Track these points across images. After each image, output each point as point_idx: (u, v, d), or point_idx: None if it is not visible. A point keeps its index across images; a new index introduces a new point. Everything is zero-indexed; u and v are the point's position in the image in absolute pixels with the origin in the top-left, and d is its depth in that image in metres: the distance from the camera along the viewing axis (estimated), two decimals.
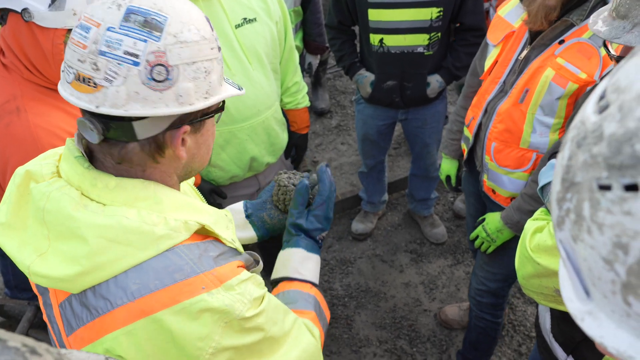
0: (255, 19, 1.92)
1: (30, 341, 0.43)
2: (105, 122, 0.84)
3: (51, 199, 0.86)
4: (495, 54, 1.92)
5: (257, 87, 1.95)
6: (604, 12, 1.22)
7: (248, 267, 0.98)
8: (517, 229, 1.85)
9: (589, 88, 1.65)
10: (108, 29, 0.80)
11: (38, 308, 2.23)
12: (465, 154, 2.12)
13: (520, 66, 1.80)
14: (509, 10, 1.92)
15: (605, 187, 0.43)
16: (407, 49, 2.47)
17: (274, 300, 0.97)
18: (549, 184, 1.30)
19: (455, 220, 3.45)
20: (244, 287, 0.89)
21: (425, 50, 2.48)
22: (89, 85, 0.81)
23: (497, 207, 2.01)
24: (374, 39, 2.48)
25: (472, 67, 2.15)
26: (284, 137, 2.21)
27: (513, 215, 1.86)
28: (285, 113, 2.28)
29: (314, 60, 3.45)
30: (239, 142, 1.99)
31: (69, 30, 1.38)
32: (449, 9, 2.40)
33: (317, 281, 1.20)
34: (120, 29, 0.80)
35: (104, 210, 0.85)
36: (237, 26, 1.87)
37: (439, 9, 2.38)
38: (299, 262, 1.18)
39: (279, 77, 2.14)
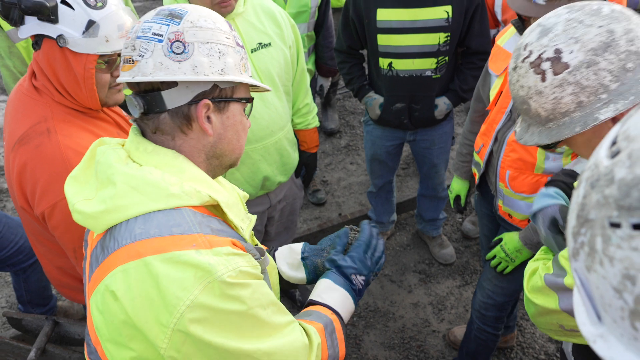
0: (270, 44, 1.99)
1: None
2: (143, 96, 1.02)
3: (105, 154, 1.05)
4: (499, 84, 1.95)
5: (270, 109, 2.02)
6: None
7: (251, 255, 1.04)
8: (536, 249, 1.88)
9: None
10: (144, 22, 1.03)
11: (55, 323, 2.28)
12: (477, 178, 2.15)
13: None
14: (507, 40, 1.96)
15: (615, 225, 0.48)
16: (416, 72, 2.54)
17: (267, 290, 1.01)
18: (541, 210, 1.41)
19: (463, 241, 3.47)
20: (232, 258, 0.95)
21: (433, 74, 2.55)
22: (129, 63, 1.02)
23: (513, 229, 2.04)
24: (383, 62, 2.55)
25: (476, 92, 2.20)
26: (295, 157, 2.27)
27: (533, 237, 1.89)
28: (295, 133, 2.34)
29: (326, 83, 3.53)
30: (252, 163, 2.05)
31: (101, 56, 1.45)
32: (456, 34, 2.47)
33: (340, 311, 1.23)
34: (151, 20, 1.03)
35: (138, 167, 1.01)
36: (253, 50, 1.95)
37: (446, 34, 2.45)
38: (322, 289, 1.25)
39: (291, 99, 2.21)
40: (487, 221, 2.30)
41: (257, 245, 1.25)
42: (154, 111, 1.02)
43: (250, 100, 1.12)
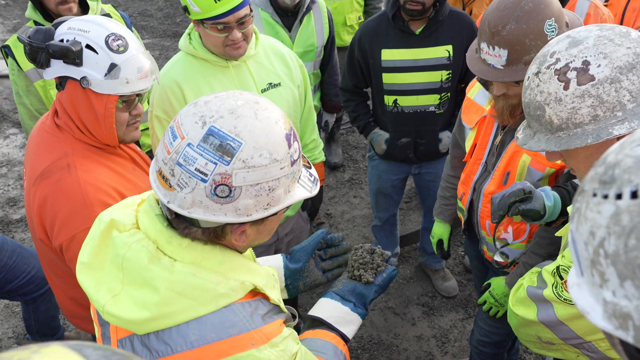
0: (279, 84, 2.08)
1: None
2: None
3: (132, 249, 0.98)
4: (472, 136, 1.97)
5: None
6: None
7: (286, 322, 1.09)
8: None
9: (566, 170, 1.73)
10: (188, 145, 0.91)
11: None
12: (462, 223, 2.16)
13: (497, 149, 1.86)
14: (476, 93, 1.97)
15: (594, 195, 0.63)
16: (420, 108, 2.63)
17: (305, 352, 1.09)
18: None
19: (465, 274, 3.49)
20: (285, 344, 1.01)
21: (436, 109, 2.64)
22: (166, 183, 0.95)
23: (501, 272, 2.06)
24: (388, 99, 2.64)
25: (453, 139, 2.22)
26: None
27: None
28: None
29: (331, 119, 3.62)
30: None
31: (120, 96, 1.52)
32: (457, 72, 2.57)
33: (349, 335, 1.29)
34: (197, 147, 0.90)
35: (174, 265, 0.97)
36: (263, 90, 2.04)
37: (448, 72, 2.55)
38: (341, 317, 1.29)
39: (299, 135, 2.29)
40: (477, 262, 2.32)
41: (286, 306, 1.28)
42: (187, 221, 0.98)
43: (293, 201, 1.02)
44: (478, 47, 1.67)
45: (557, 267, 1.31)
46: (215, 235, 0.99)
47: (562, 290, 1.29)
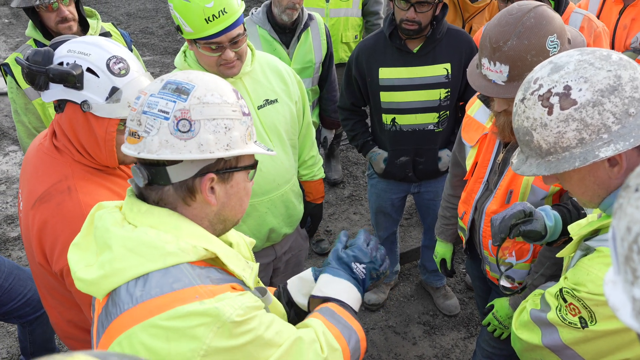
0: (276, 100, 2.07)
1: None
2: (149, 168, 1.03)
3: (102, 218, 1.06)
4: (473, 154, 1.94)
5: (277, 163, 2.08)
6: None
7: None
8: None
9: None
10: (150, 95, 1.03)
11: None
12: (464, 242, 2.13)
13: (499, 167, 1.82)
14: (477, 110, 1.94)
15: (637, 190, 0.62)
16: (419, 127, 2.62)
17: (267, 314, 1.06)
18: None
19: (467, 292, 3.45)
20: (236, 297, 0.99)
21: (435, 128, 2.63)
22: (135, 137, 1.03)
23: (503, 293, 2.00)
24: (387, 118, 2.63)
25: (453, 157, 2.20)
26: (300, 209, 2.31)
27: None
28: (301, 184, 2.39)
29: (329, 135, 3.61)
30: (259, 215, 2.09)
31: (122, 120, 1.50)
32: (456, 90, 2.56)
33: (341, 298, 1.26)
34: (158, 94, 1.02)
35: (133, 229, 1.02)
36: (260, 107, 2.03)
37: (446, 90, 2.54)
38: (322, 283, 1.29)
39: (297, 152, 2.27)
40: (479, 283, 2.28)
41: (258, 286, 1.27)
42: (159, 183, 1.04)
43: (254, 165, 1.13)
44: (479, 62, 1.65)
45: (560, 290, 1.28)
46: (187, 190, 1.03)
47: (567, 314, 1.26)
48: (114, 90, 1.45)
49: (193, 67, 1.95)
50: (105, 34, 2.71)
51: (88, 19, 2.65)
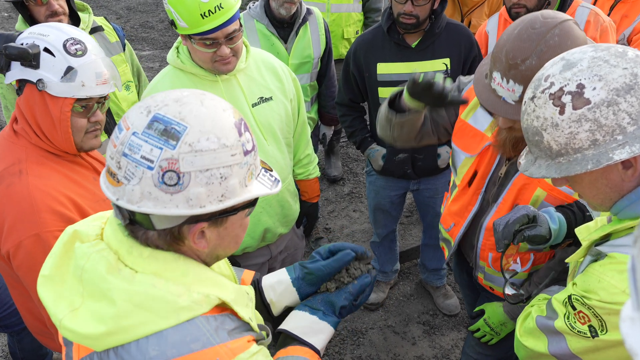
0: (271, 98, 2.02)
1: None
2: (130, 210, 0.91)
3: (91, 259, 0.94)
4: (468, 163, 1.78)
5: (271, 162, 2.03)
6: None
7: (257, 341, 1.02)
8: None
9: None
10: (133, 134, 0.88)
11: None
12: (446, 254, 2.01)
13: (499, 180, 1.70)
14: (473, 114, 1.76)
15: None
16: None
17: None
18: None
19: None
20: (253, 358, 0.94)
21: None
22: (114, 179, 0.91)
23: (494, 298, 1.93)
24: None
25: None
26: (296, 208, 2.26)
27: (517, 311, 1.77)
28: (296, 183, 2.34)
29: (328, 131, 3.56)
30: (253, 215, 2.04)
31: (77, 100, 1.51)
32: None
33: (322, 349, 1.21)
34: (142, 134, 0.87)
35: (135, 276, 0.91)
36: (254, 105, 1.97)
37: None
38: (308, 327, 1.20)
39: (292, 151, 2.22)
40: (468, 291, 2.19)
41: (259, 324, 1.20)
42: (142, 225, 0.93)
43: (254, 203, 1.00)
44: (489, 74, 1.49)
45: (569, 297, 1.22)
46: (173, 237, 0.93)
47: (576, 322, 1.21)
48: (69, 69, 1.48)
49: (186, 64, 1.90)
50: (98, 28, 2.66)
51: (79, 13, 2.59)
